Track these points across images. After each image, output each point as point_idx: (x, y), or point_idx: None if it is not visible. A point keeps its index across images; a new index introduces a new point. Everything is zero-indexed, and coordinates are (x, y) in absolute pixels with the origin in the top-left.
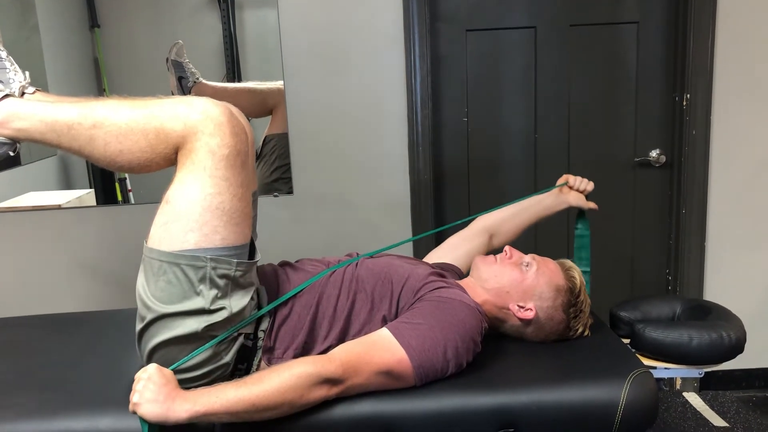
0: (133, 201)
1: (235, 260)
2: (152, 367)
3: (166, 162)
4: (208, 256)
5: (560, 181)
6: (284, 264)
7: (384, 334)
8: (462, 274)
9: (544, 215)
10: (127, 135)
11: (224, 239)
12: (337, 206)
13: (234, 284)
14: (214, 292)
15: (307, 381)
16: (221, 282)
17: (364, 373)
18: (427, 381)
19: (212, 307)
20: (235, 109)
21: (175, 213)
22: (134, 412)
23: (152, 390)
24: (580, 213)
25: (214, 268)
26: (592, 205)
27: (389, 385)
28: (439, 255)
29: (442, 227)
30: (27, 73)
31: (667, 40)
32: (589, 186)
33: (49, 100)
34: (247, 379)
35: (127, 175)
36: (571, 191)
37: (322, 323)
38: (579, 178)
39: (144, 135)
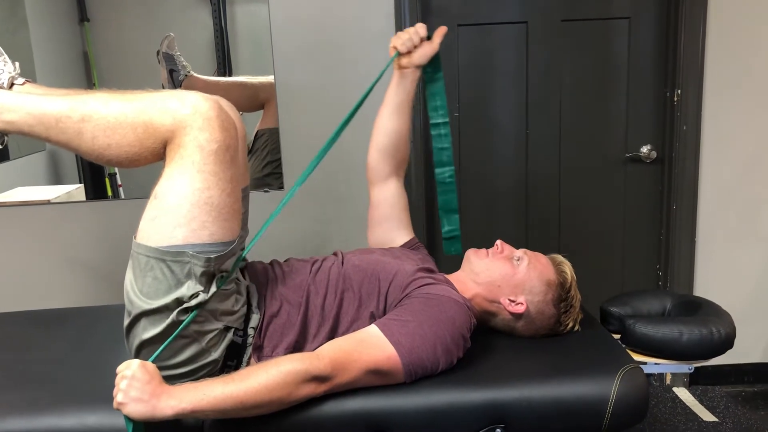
0: (123, 196)
1: (214, 255)
2: (135, 364)
3: (154, 156)
4: (191, 252)
5: (390, 53)
6: (274, 263)
7: (373, 331)
8: (418, 246)
9: (409, 94)
10: (115, 129)
11: (212, 234)
12: (328, 202)
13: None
14: (198, 287)
15: (295, 378)
16: (203, 278)
17: (352, 371)
18: (416, 378)
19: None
20: (225, 104)
21: (163, 208)
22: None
23: (137, 388)
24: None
25: (195, 264)
26: (438, 36)
27: (378, 382)
28: (378, 230)
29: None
30: (17, 63)
31: (659, 35)
32: (421, 30)
33: (38, 92)
34: (235, 375)
35: (117, 170)
36: (410, 55)
37: (311, 322)
38: (403, 36)
39: (132, 129)
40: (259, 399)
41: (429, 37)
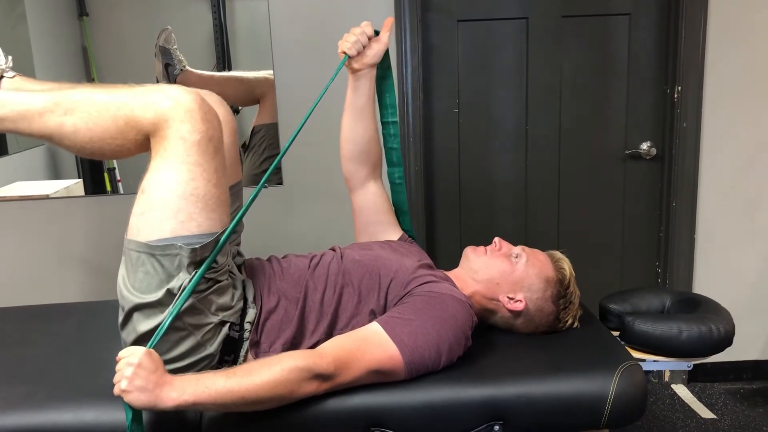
0: (122, 191)
1: (198, 246)
2: (141, 351)
3: (138, 148)
4: (180, 244)
5: (340, 57)
6: (272, 258)
7: (376, 329)
8: (410, 241)
9: (369, 96)
10: (96, 122)
11: (200, 226)
12: (326, 198)
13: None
14: (187, 277)
15: (298, 376)
16: (191, 269)
17: (355, 370)
18: (417, 376)
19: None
20: (213, 97)
21: (150, 202)
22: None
23: (143, 377)
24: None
25: (183, 256)
26: (385, 30)
27: (379, 380)
28: (365, 235)
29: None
30: (10, 57)
31: (659, 32)
32: (368, 29)
33: (27, 86)
34: (237, 369)
35: (116, 165)
36: (361, 57)
37: (309, 317)
38: (350, 38)
39: (114, 122)
40: (261, 395)
41: (376, 33)
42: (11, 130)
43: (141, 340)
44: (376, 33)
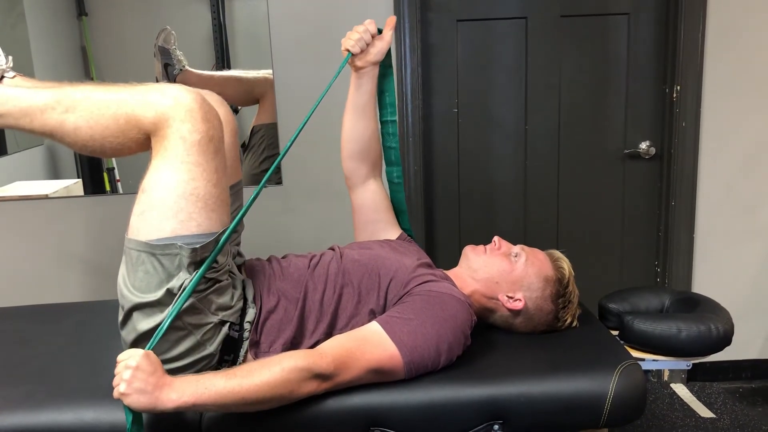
0: (121, 191)
1: (199, 245)
2: (139, 354)
3: (138, 147)
4: (180, 244)
5: (344, 54)
6: (272, 258)
7: (375, 329)
8: (409, 240)
9: (371, 94)
10: (98, 120)
11: (200, 225)
12: (326, 197)
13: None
14: (188, 277)
15: (298, 376)
16: (191, 268)
17: (355, 369)
18: (417, 375)
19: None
20: (213, 96)
21: (150, 202)
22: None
23: (141, 379)
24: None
25: (183, 255)
26: (388, 28)
27: (379, 379)
28: (365, 233)
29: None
30: (10, 57)
31: (658, 31)
32: (371, 26)
33: (27, 85)
34: (237, 370)
35: (115, 165)
36: (364, 54)
37: (309, 317)
38: (354, 36)
39: (114, 120)
40: (261, 395)
41: (379, 31)
42: (12, 126)
43: (141, 339)
44: (379, 31)
